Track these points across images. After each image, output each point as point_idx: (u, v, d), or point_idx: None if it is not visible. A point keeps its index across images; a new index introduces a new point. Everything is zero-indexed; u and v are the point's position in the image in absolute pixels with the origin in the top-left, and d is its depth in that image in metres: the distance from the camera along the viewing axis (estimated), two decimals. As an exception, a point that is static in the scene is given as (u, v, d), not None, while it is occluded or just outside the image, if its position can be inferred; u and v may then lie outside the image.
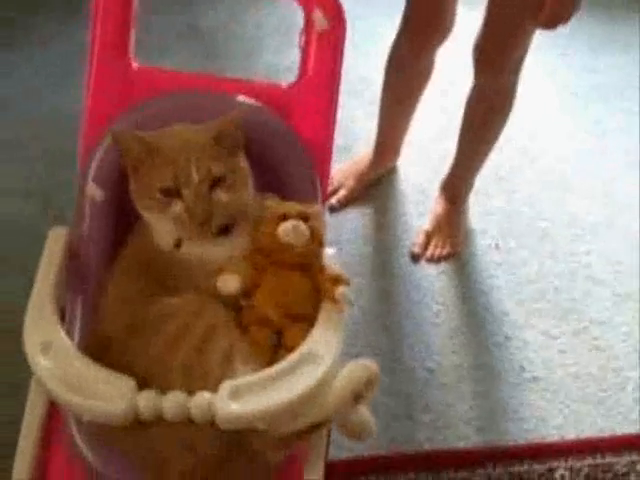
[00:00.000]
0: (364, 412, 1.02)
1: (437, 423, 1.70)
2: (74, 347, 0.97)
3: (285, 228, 1.12)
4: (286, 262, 1.11)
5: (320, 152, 1.21)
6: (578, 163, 2.39)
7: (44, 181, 2.08)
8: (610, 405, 1.76)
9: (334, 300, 1.07)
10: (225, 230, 1.08)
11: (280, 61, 2.60)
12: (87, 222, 1.14)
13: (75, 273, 1.09)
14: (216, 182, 1.03)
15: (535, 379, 1.83)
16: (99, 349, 1.01)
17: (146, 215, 1.07)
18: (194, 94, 1.19)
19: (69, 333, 1.01)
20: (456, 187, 2.06)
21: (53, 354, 0.94)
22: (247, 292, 1.08)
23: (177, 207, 1.02)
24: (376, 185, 2.21)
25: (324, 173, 1.20)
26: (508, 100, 1.80)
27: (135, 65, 1.22)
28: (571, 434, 1.70)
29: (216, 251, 1.08)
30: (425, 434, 1.67)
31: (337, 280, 1.13)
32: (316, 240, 1.14)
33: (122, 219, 1.12)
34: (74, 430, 1.03)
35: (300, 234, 1.12)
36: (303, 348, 0.99)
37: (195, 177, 1.01)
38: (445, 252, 2.01)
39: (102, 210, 1.15)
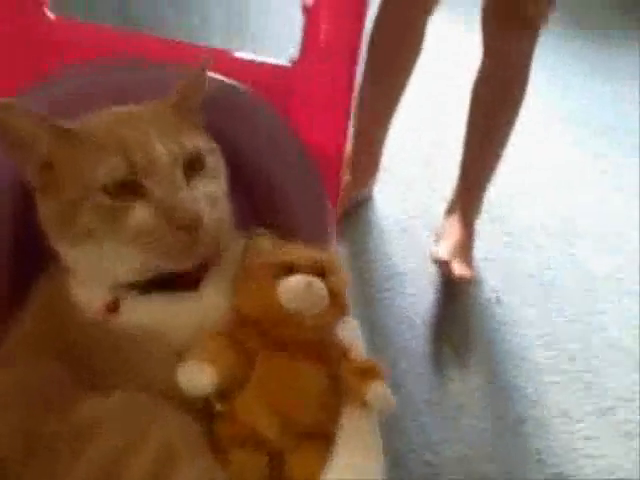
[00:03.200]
0: None
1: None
2: None
3: (291, 288, 0.73)
4: (291, 342, 0.74)
5: (330, 161, 0.88)
6: (586, 205, 2.18)
7: None
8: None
9: (364, 403, 0.73)
10: (195, 278, 0.75)
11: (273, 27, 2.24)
12: None
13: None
14: (194, 166, 0.72)
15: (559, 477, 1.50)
16: None
17: (71, 252, 0.73)
18: (142, 64, 0.85)
19: None
20: (468, 205, 1.84)
21: None
22: (226, 391, 0.72)
23: (140, 211, 0.68)
24: (349, 219, 1.91)
25: (334, 194, 0.87)
26: (521, 78, 1.63)
27: (52, 17, 0.87)
28: None
29: (178, 316, 0.74)
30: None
31: (369, 372, 0.75)
32: (337, 307, 0.75)
33: (21, 260, 0.78)
34: None
35: (316, 298, 0.73)
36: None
37: (163, 155, 0.69)
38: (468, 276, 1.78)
39: None
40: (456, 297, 1.84)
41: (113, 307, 0.73)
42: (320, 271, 0.74)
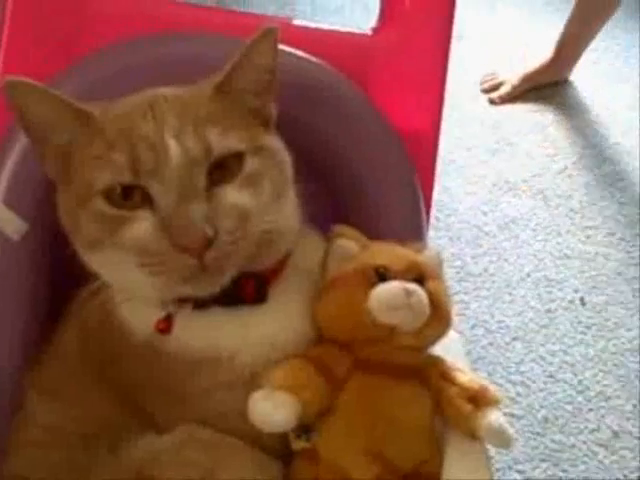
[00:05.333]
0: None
1: None
2: None
3: (386, 297, 0.59)
4: (388, 362, 0.60)
5: (422, 146, 0.73)
6: None
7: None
8: None
9: (475, 435, 0.60)
10: (257, 289, 0.61)
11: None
12: None
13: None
14: (221, 169, 0.56)
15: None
16: None
17: (92, 259, 0.59)
18: (193, 37, 0.72)
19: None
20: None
21: None
22: (308, 425, 0.59)
23: (140, 224, 0.55)
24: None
25: (427, 184, 0.73)
26: None
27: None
28: None
29: (242, 333, 0.62)
30: None
31: (481, 398, 0.61)
32: (439, 318, 0.61)
33: (58, 274, 0.67)
34: None
35: (416, 309, 0.59)
36: None
37: (175, 155, 0.54)
38: None
39: (20, 257, 0.67)
40: (536, 298, 1.69)
41: (165, 326, 0.61)
42: (418, 276, 0.61)
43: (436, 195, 0.84)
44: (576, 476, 1.40)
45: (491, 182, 1.86)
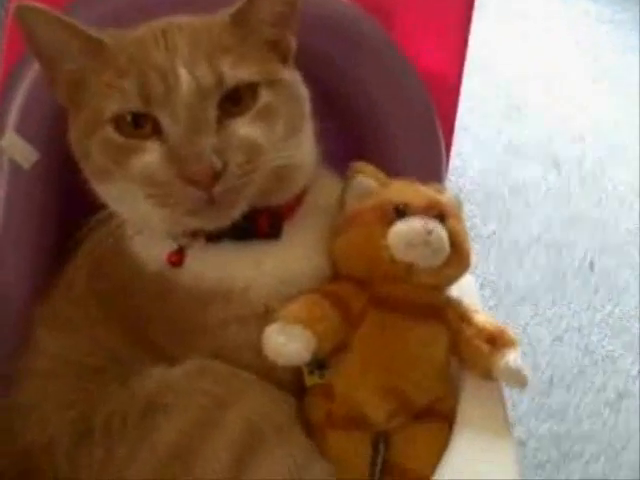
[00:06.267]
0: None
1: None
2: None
3: (406, 234, 0.58)
4: (406, 300, 0.59)
5: (443, 86, 0.71)
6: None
7: None
8: None
9: (491, 375, 0.59)
10: (272, 225, 0.61)
11: None
12: (2, 205, 0.66)
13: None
14: (234, 101, 0.54)
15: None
16: (14, 464, 0.58)
17: (102, 190, 0.58)
18: None
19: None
20: None
21: None
22: (322, 361, 0.59)
23: (148, 154, 0.53)
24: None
25: (447, 126, 0.71)
26: None
27: None
28: None
29: (256, 267, 0.61)
30: None
31: (500, 339, 0.60)
32: (459, 258, 0.59)
33: (71, 205, 0.63)
34: None
35: (436, 246, 0.57)
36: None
37: (186, 84, 0.53)
38: None
39: (32, 186, 0.66)
40: (545, 261, 1.68)
41: (177, 259, 0.60)
42: (438, 214, 0.59)
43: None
44: (580, 435, 1.41)
45: (502, 146, 1.84)
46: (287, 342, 0.55)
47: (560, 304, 1.61)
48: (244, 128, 0.54)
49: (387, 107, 0.68)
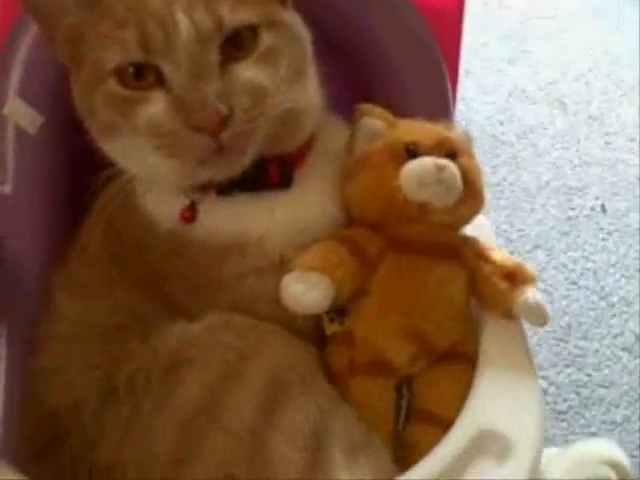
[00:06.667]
0: None
1: None
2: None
3: (418, 173, 0.57)
4: (421, 241, 0.58)
5: (446, 20, 0.68)
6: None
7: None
8: None
9: (511, 313, 0.59)
10: (282, 174, 0.60)
11: None
12: (11, 173, 0.64)
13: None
14: (235, 45, 0.53)
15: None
16: (42, 429, 0.58)
17: (110, 148, 0.57)
18: None
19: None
20: None
21: None
22: (341, 308, 0.58)
23: (153, 104, 0.52)
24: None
25: (452, 66, 0.70)
26: None
27: None
28: None
29: (269, 218, 0.60)
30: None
31: (518, 276, 0.60)
32: (472, 196, 0.58)
33: (80, 167, 0.60)
34: None
35: (448, 185, 0.57)
36: (467, 420, 0.54)
37: (185, 30, 0.51)
38: None
39: (39, 149, 0.65)
40: (556, 206, 1.66)
41: (189, 215, 0.59)
42: (449, 151, 0.58)
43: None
44: (600, 380, 1.40)
45: (507, 91, 1.81)
46: (305, 290, 0.55)
47: (574, 249, 1.59)
48: (248, 72, 0.53)
49: (390, 45, 0.66)
